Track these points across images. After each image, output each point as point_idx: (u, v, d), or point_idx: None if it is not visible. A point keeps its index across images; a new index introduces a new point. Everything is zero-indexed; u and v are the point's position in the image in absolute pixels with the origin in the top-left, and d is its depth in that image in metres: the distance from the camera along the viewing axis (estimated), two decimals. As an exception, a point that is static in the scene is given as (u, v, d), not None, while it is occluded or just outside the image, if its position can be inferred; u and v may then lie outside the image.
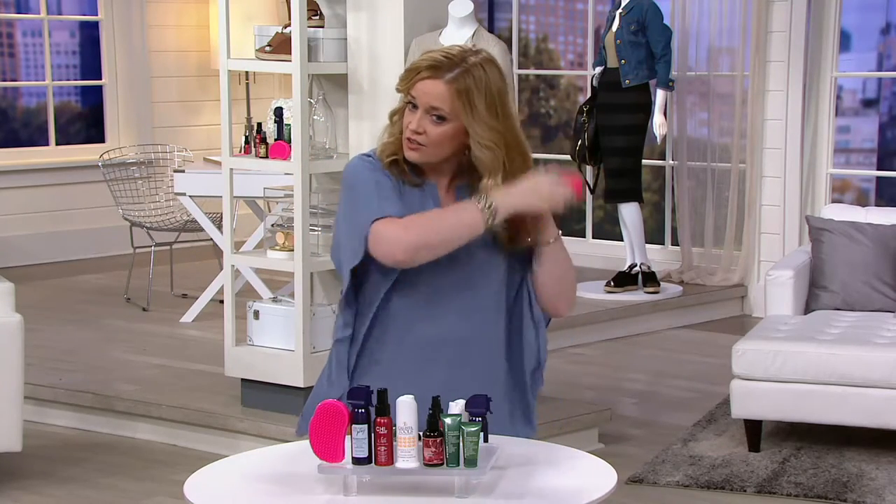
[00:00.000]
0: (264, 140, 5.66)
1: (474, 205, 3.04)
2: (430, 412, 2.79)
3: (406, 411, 2.79)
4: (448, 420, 2.77)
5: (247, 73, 10.15)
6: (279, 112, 5.60)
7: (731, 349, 5.82)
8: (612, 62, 8.15)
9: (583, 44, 10.12)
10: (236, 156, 5.81)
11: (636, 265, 8.35)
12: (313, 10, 5.78)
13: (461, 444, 2.76)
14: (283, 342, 5.72)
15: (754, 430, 5.81)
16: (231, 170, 5.83)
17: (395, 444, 2.79)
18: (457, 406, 2.83)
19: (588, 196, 9.44)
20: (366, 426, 2.78)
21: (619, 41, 8.08)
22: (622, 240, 8.54)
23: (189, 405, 5.97)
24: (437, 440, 2.77)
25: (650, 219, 9.37)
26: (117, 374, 6.55)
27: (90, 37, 10.23)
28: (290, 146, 5.55)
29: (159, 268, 8.46)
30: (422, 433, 2.79)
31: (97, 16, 10.17)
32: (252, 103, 10.36)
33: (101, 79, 10.21)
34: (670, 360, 7.52)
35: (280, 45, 5.68)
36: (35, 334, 6.87)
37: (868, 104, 9.38)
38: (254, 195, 7.00)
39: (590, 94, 8.39)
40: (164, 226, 8.35)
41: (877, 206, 7.97)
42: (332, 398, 3.09)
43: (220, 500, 2.79)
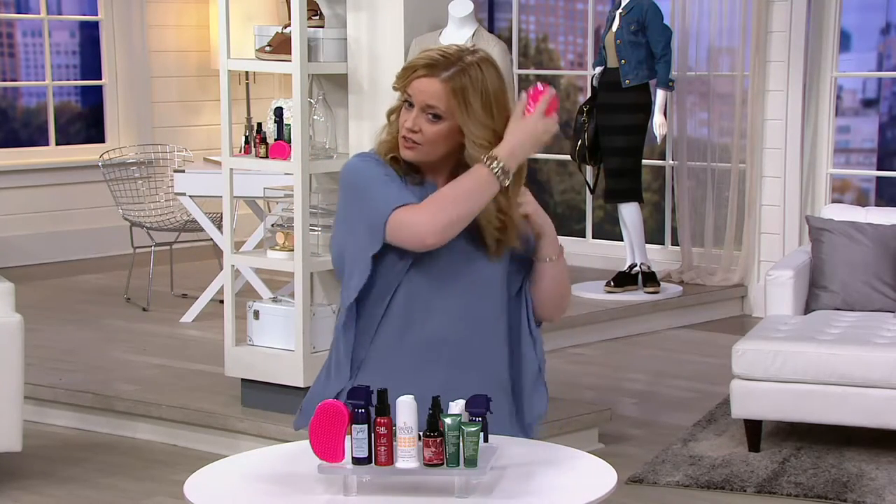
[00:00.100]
0: (264, 140, 5.66)
1: (483, 168, 3.05)
2: (430, 412, 2.79)
3: (406, 411, 2.79)
4: (448, 420, 2.77)
5: (247, 73, 10.15)
6: (279, 112, 5.60)
7: (731, 349, 5.82)
8: (612, 62, 8.15)
9: (583, 44, 10.11)
10: (236, 156, 5.81)
11: (636, 265, 8.35)
12: (313, 10, 5.78)
13: (461, 444, 2.76)
14: (283, 342, 5.72)
15: (754, 430, 5.81)
16: (231, 170, 5.83)
17: (395, 444, 2.79)
18: (457, 406, 2.83)
19: (588, 196, 9.45)
20: (366, 426, 2.78)
21: (619, 41, 8.08)
22: (622, 240, 8.54)
23: (189, 405, 5.97)
24: (437, 440, 2.77)
25: (650, 219, 9.37)
26: (117, 374, 6.55)
27: (90, 37, 10.23)
28: (290, 146, 5.55)
29: (159, 268, 8.46)
30: (422, 433, 2.79)
31: (97, 16, 10.17)
32: (252, 103, 10.36)
33: (101, 79, 10.21)
34: (670, 360, 7.52)
35: (280, 45, 5.68)
36: (35, 334, 6.87)
37: (868, 104, 9.38)
38: (254, 195, 6.99)
39: (590, 94, 8.39)
40: (164, 226, 8.35)
41: (877, 206, 7.97)
42: (331, 394, 3.10)
43: (220, 500, 2.79)
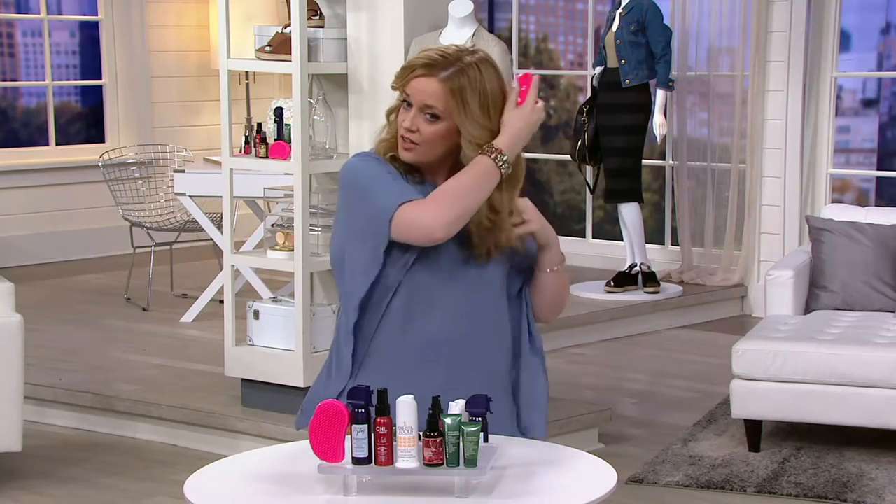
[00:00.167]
0: (264, 140, 5.66)
1: (486, 158, 3.05)
2: (430, 412, 2.79)
3: (406, 411, 2.79)
4: (448, 420, 2.77)
5: (247, 73, 10.15)
6: (279, 112, 5.60)
7: (731, 349, 5.82)
8: (612, 62, 8.15)
9: (583, 44, 10.11)
10: (236, 156, 5.81)
11: (636, 265, 8.35)
12: (313, 10, 5.78)
13: (461, 444, 2.76)
14: (283, 342, 5.72)
15: (754, 430, 5.80)
16: (231, 170, 5.83)
17: (395, 444, 2.79)
18: (457, 406, 2.83)
19: (588, 196, 9.45)
20: (366, 426, 2.78)
21: (619, 41, 8.08)
22: (622, 240, 8.54)
23: (189, 405, 5.97)
24: (437, 440, 2.77)
25: (650, 219, 9.37)
26: (117, 374, 6.55)
27: (90, 37, 10.23)
28: (290, 146, 5.55)
29: (159, 268, 8.46)
30: (422, 433, 2.79)
31: (97, 16, 10.17)
32: (252, 103, 10.36)
33: (101, 79, 10.21)
34: (670, 360, 7.52)
35: (280, 45, 5.68)
36: (35, 334, 6.87)
37: (868, 104, 9.38)
38: (254, 195, 7.00)
39: (590, 94, 8.39)
40: (164, 226, 8.35)
41: (877, 206, 7.97)
42: (332, 394, 3.10)
43: (220, 500, 2.79)
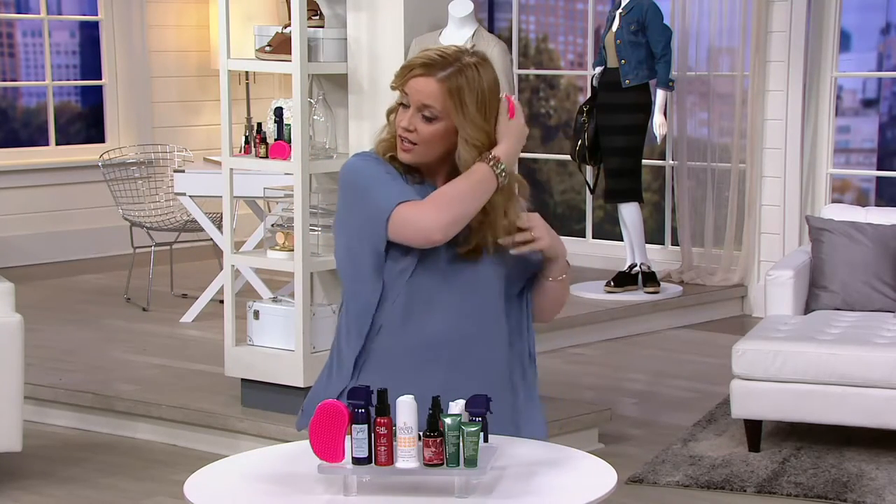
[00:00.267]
0: (264, 140, 5.66)
1: (485, 166, 3.07)
2: (430, 412, 2.79)
3: (406, 411, 2.79)
4: (448, 420, 2.77)
5: (247, 73, 10.15)
6: (279, 112, 5.60)
7: (731, 349, 5.82)
8: (612, 62, 8.15)
9: (583, 44, 10.11)
10: (236, 156, 5.81)
11: (636, 265, 8.35)
12: (313, 10, 5.78)
13: (461, 444, 2.76)
14: (283, 342, 5.72)
15: (754, 430, 5.80)
16: (231, 170, 5.83)
17: (395, 444, 2.79)
18: (457, 406, 2.83)
19: (588, 196, 9.46)
20: (366, 426, 2.78)
21: (619, 41, 8.08)
22: (622, 240, 8.54)
23: (189, 405, 5.97)
24: (437, 440, 2.77)
25: (650, 219, 9.37)
26: (117, 374, 6.55)
27: (90, 37, 10.23)
28: (290, 146, 5.55)
29: (159, 268, 8.46)
30: (422, 433, 2.79)
31: (97, 16, 10.17)
32: (252, 103, 10.36)
33: (101, 79, 10.21)
34: (670, 360, 7.52)
35: (280, 45, 5.68)
36: (35, 334, 6.87)
37: (868, 104, 9.38)
38: (254, 195, 6.99)
39: (590, 94, 8.39)
40: (164, 226, 8.35)
41: (877, 206, 7.97)
42: (332, 394, 3.10)
43: (220, 500, 2.79)
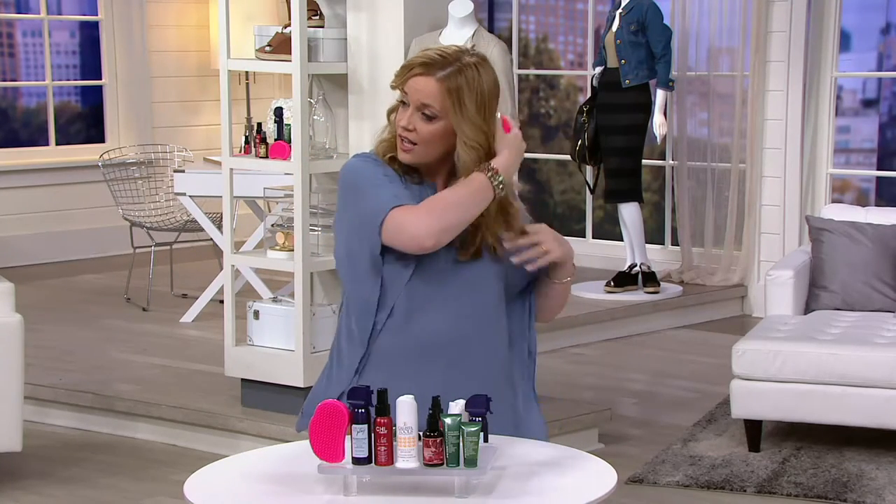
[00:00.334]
0: (264, 140, 5.66)
1: (482, 177, 3.07)
2: (430, 412, 2.79)
3: (406, 411, 2.79)
4: (448, 420, 2.77)
5: (247, 73, 10.15)
6: (279, 112, 5.60)
7: (731, 349, 5.82)
8: (612, 62, 8.15)
9: (583, 44, 10.11)
10: (236, 156, 5.81)
11: (636, 265, 8.35)
12: (313, 10, 5.78)
13: (461, 444, 2.76)
14: (283, 342, 5.72)
15: (754, 430, 5.80)
16: (231, 170, 5.83)
17: (395, 444, 2.79)
18: (457, 406, 2.83)
19: (588, 196, 9.46)
20: (366, 426, 2.78)
21: (619, 41, 8.08)
22: (622, 240, 8.54)
23: (189, 405, 5.97)
24: (437, 440, 2.77)
25: (650, 219, 9.37)
26: (117, 374, 6.55)
27: (90, 37, 10.23)
28: (290, 146, 5.55)
29: (159, 268, 8.46)
30: (422, 433, 2.79)
31: (97, 16, 10.17)
32: (252, 103, 10.36)
33: (101, 79, 10.21)
34: (670, 360, 7.52)
35: (280, 45, 5.68)
36: (35, 334, 6.87)
37: (868, 104, 9.38)
38: (254, 195, 6.99)
39: (590, 94, 8.39)
40: (164, 226, 8.35)
41: (877, 206, 7.96)
42: (332, 395, 3.10)
43: (220, 500, 2.79)
